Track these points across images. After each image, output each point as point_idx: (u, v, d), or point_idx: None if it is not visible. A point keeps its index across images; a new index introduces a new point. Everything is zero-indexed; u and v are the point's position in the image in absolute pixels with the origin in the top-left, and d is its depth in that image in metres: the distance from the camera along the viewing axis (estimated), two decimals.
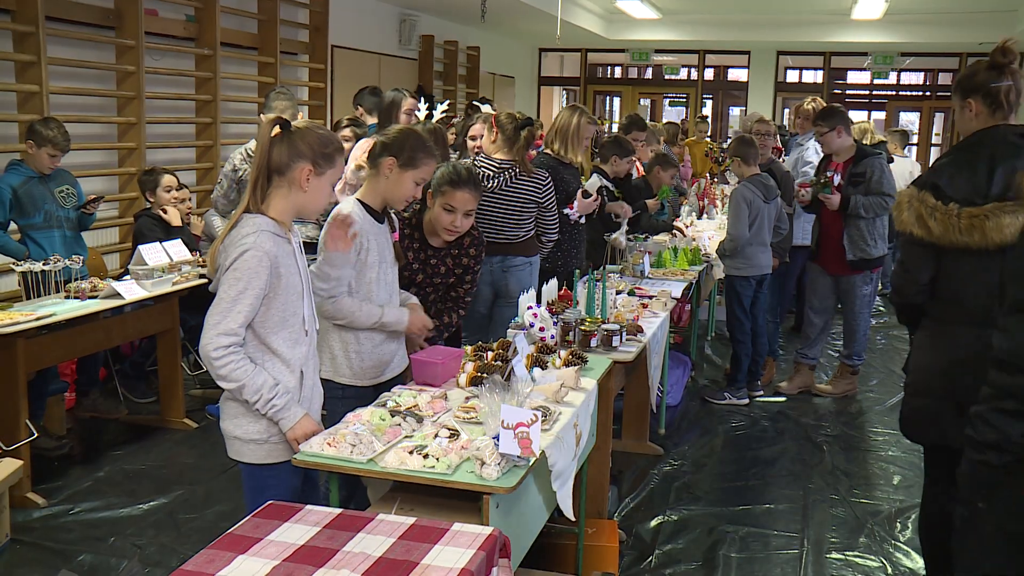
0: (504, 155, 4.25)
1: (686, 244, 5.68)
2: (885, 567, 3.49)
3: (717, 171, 9.79)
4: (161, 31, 6.45)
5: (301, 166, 2.37)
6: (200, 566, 1.78)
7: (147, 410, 5.03)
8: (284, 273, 2.37)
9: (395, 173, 2.94)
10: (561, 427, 2.59)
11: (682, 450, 4.64)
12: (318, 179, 2.41)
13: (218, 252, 2.37)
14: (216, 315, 2.30)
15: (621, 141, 5.65)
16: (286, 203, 2.40)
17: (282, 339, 2.41)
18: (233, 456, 2.48)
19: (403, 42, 10.31)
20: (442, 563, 1.81)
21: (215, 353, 2.30)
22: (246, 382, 2.31)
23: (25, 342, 3.76)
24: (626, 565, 3.45)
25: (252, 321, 2.35)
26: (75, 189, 4.76)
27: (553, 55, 16.33)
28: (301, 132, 2.39)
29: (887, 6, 10.87)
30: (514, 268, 4.28)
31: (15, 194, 4.43)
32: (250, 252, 2.29)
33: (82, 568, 3.35)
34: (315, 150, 2.39)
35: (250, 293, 2.30)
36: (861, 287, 5.31)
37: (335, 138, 2.50)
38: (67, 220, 4.66)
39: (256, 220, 2.35)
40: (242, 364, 2.31)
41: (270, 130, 2.37)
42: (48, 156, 4.46)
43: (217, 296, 2.32)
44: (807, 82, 16.81)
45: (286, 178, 2.38)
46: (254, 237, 2.31)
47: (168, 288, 4.49)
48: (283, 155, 2.37)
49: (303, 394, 2.48)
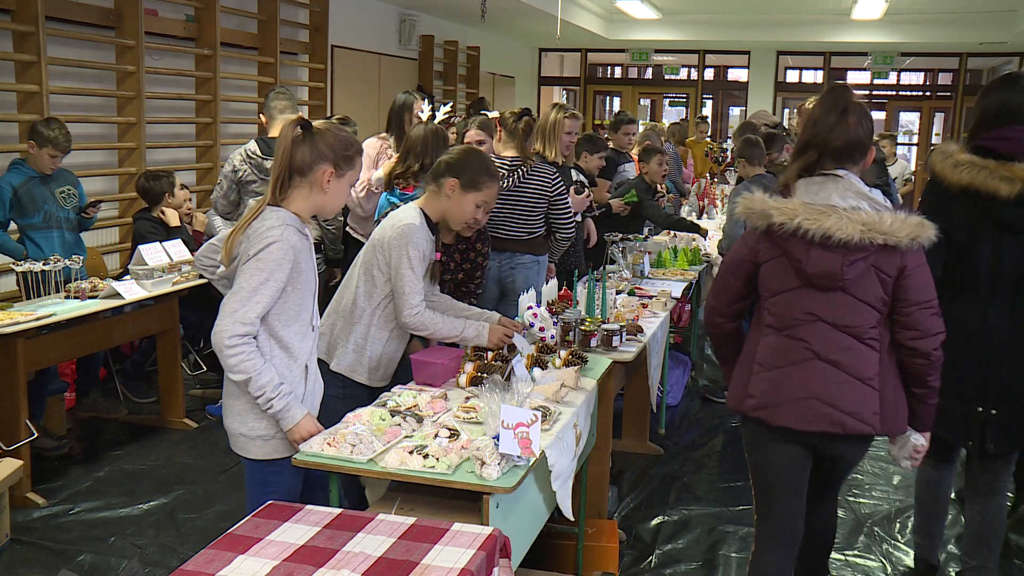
0: (512, 151, 4.28)
1: (686, 244, 5.68)
2: (885, 567, 3.50)
3: (717, 171, 9.79)
4: (161, 31, 6.45)
5: (323, 168, 2.41)
6: (200, 566, 1.78)
7: (147, 410, 5.03)
8: (304, 268, 2.41)
9: (456, 194, 2.97)
10: (561, 427, 2.59)
11: (682, 450, 4.64)
12: (338, 180, 2.45)
13: (238, 241, 2.39)
14: (234, 303, 2.32)
15: (592, 137, 5.64)
16: (306, 202, 2.44)
17: (293, 332, 2.43)
18: (237, 452, 2.50)
19: (403, 42, 10.31)
20: (442, 563, 1.81)
21: (229, 341, 2.30)
22: (253, 376, 2.32)
23: (25, 342, 3.76)
24: (626, 565, 3.45)
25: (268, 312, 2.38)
26: (76, 189, 4.76)
27: (553, 55, 16.33)
28: (323, 134, 2.42)
29: (887, 6, 10.87)
30: (521, 266, 4.29)
31: (15, 193, 4.43)
32: (276, 244, 2.32)
33: (82, 568, 3.35)
34: (337, 152, 2.43)
35: (271, 284, 2.33)
36: None
37: (355, 140, 2.53)
38: (67, 221, 4.65)
39: (280, 213, 2.38)
40: (252, 357, 2.32)
41: (292, 131, 2.40)
42: (49, 157, 4.46)
43: (236, 284, 2.34)
44: (807, 82, 16.82)
45: (307, 179, 2.42)
46: (280, 230, 2.34)
47: (168, 288, 4.49)
48: (305, 156, 2.40)
49: (307, 388, 2.50)
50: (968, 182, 2.67)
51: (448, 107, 4.25)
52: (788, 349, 2.48)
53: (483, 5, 9.03)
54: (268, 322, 2.39)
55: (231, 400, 2.46)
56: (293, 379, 2.44)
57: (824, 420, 2.42)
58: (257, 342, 2.36)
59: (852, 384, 2.42)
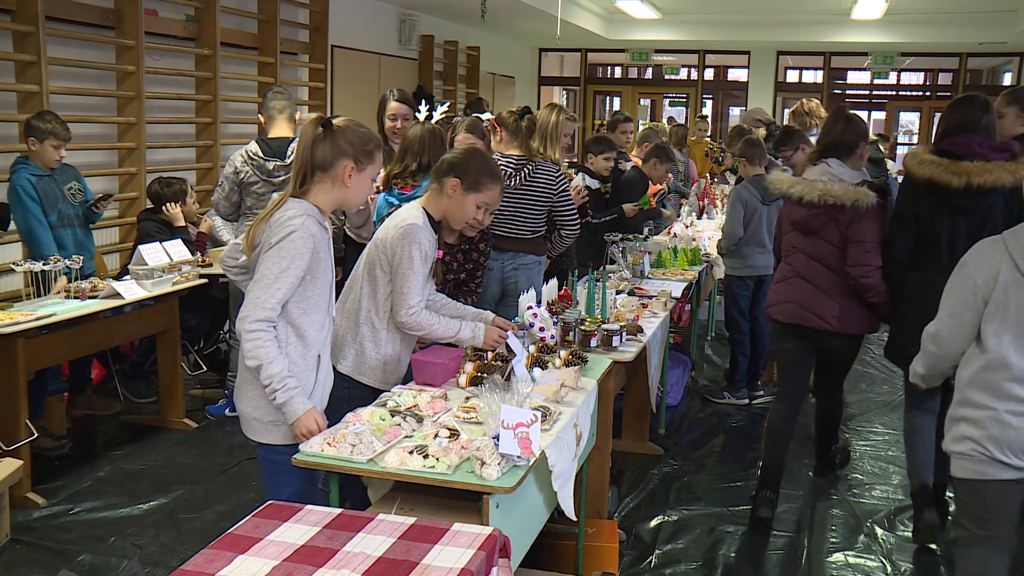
0: (516, 150, 4.29)
1: (686, 244, 5.69)
2: (885, 567, 3.50)
3: (717, 171, 9.78)
4: (161, 31, 6.45)
5: (344, 163, 2.49)
6: (200, 566, 1.78)
7: (147, 410, 5.03)
8: (323, 258, 2.49)
9: (458, 194, 2.98)
10: (561, 427, 2.59)
11: (682, 450, 4.64)
12: (359, 175, 2.53)
13: (260, 231, 2.47)
14: (258, 290, 2.40)
15: (600, 139, 5.64)
16: (329, 196, 2.53)
17: (311, 321, 2.50)
18: (251, 436, 2.56)
19: (403, 42, 10.31)
20: (442, 563, 1.81)
21: (251, 326, 2.38)
22: (264, 364, 2.39)
23: (25, 342, 3.76)
24: (626, 565, 3.45)
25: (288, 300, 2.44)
26: (81, 184, 4.72)
27: (553, 55, 16.33)
28: (343, 130, 2.50)
29: (887, 6, 10.87)
30: (524, 267, 4.30)
31: (36, 189, 4.40)
32: (297, 233, 2.40)
33: (82, 568, 3.35)
34: (357, 148, 2.50)
35: (292, 272, 2.40)
36: None
37: (374, 135, 2.60)
38: (77, 217, 4.62)
39: (302, 204, 2.47)
40: (267, 345, 2.39)
41: (313, 129, 2.47)
42: (52, 148, 4.41)
43: (259, 272, 2.43)
44: (807, 82, 16.82)
45: (329, 174, 2.50)
46: (302, 219, 2.42)
47: (168, 288, 4.49)
48: (327, 153, 2.48)
49: (318, 378, 2.56)
50: (929, 176, 3.40)
51: (446, 107, 4.24)
52: (784, 270, 3.85)
53: (483, 5, 9.03)
54: (287, 310, 2.46)
55: (245, 385, 2.52)
56: (305, 367, 2.51)
57: (798, 316, 3.74)
58: (275, 329, 2.43)
59: (819, 295, 3.70)
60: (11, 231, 4.54)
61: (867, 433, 4.96)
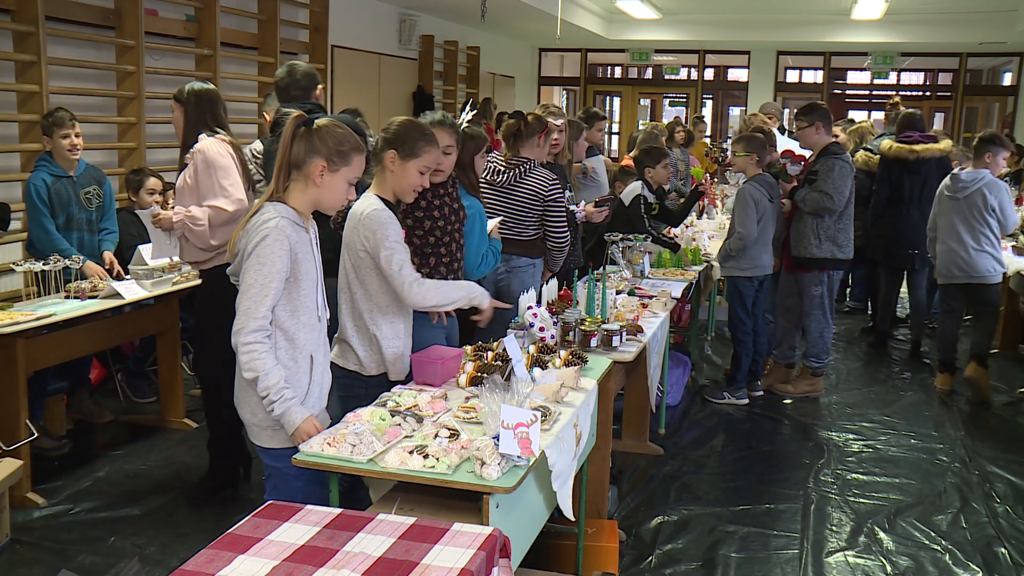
0: (518, 153, 4.30)
1: (686, 244, 5.68)
2: (885, 567, 3.49)
3: (717, 171, 9.78)
4: (161, 31, 6.45)
5: (316, 162, 2.49)
6: (200, 566, 1.78)
7: (147, 410, 5.03)
8: (302, 259, 2.49)
9: (398, 165, 2.97)
10: (561, 427, 2.59)
11: (682, 450, 4.64)
12: (332, 176, 2.52)
13: (239, 237, 2.49)
14: (247, 301, 2.42)
15: (652, 149, 5.61)
16: (304, 196, 2.53)
17: (298, 323, 2.51)
18: (255, 442, 2.57)
19: (403, 42, 10.32)
20: (442, 563, 1.81)
21: (247, 338, 2.40)
22: (260, 375, 2.41)
23: (25, 342, 3.76)
24: (626, 565, 3.45)
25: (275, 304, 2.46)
26: (102, 189, 4.67)
27: (553, 55, 16.34)
28: (320, 130, 2.50)
29: (887, 6, 10.88)
30: (517, 269, 4.29)
31: (49, 191, 4.40)
32: (271, 236, 2.41)
33: (82, 568, 3.34)
34: (330, 148, 2.50)
35: (275, 277, 2.42)
36: (810, 287, 5.32)
37: (353, 138, 2.57)
38: (87, 223, 4.58)
39: (277, 207, 2.48)
40: (264, 357, 2.41)
41: (293, 127, 2.48)
42: (62, 139, 4.41)
43: (244, 283, 2.44)
44: (807, 82, 16.81)
45: (303, 173, 2.51)
46: (275, 222, 2.43)
47: (168, 288, 4.49)
48: (301, 151, 2.49)
49: (312, 379, 2.56)
50: (894, 154, 6.14)
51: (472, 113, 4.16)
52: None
53: (483, 5, 9.04)
54: (274, 314, 2.47)
55: (243, 393, 2.53)
56: (297, 370, 2.51)
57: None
58: (269, 339, 2.44)
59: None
60: (11, 231, 4.53)
61: (867, 433, 4.96)
